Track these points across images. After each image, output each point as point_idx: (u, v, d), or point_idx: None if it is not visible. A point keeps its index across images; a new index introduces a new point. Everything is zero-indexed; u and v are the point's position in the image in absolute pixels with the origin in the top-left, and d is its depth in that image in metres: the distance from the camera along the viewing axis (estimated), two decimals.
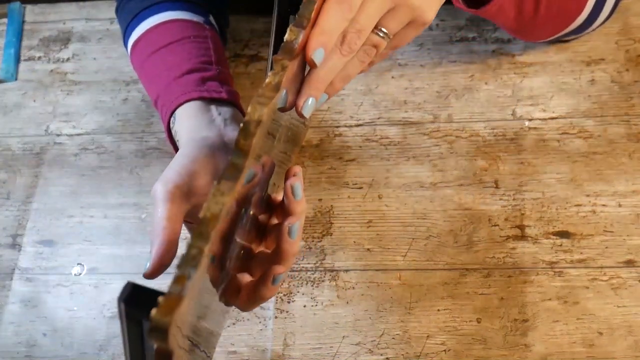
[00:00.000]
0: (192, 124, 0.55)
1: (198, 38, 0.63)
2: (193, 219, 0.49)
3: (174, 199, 0.47)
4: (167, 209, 0.47)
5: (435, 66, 0.74)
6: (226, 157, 0.50)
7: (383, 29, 0.42)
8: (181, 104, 0.57)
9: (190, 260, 0.34)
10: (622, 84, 0.70)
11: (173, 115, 0.57)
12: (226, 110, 0.56)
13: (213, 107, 0.56)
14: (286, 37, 0.37)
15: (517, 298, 0.61)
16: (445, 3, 0.48)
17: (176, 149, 0.56)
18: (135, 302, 0.33)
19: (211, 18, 0.67)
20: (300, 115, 0.41)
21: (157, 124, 0.74)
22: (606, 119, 0.68)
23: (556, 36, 0.68)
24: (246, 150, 0.36)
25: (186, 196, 0.48)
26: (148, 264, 0.46)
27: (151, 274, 0.46)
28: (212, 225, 0.35)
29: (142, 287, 0.33)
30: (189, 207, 0.49)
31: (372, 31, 0.42)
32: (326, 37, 0.39)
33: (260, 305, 0.48)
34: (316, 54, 0.39)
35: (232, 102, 0.57)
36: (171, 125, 0.57)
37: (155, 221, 0.47)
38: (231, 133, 0.53)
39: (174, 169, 0.49)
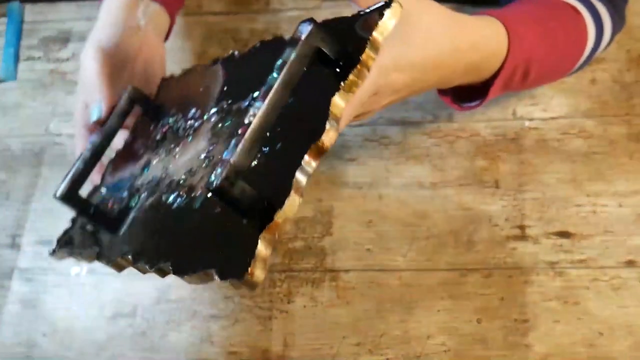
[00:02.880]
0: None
1: None
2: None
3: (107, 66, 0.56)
4: (104, 73, 0.56)
5: None
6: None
7: None
8: None
9: None
10: (623, 84, 0.70)
11: None
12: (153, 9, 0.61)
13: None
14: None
15: (518, 298, 0.61)
16: (444, 2, 0.49)
17: None
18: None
19: None
20: None
21: None
22: (607, 119, 0.68)
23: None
24: None
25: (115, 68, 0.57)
26: (100, 109, 0.54)
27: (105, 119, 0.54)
28: None
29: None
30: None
31: None
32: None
33: (261, 306, 0.47)
34: None
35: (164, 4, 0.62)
36: None
37: (93, 77, 0.56)
38: (150, 32, 0.60)
39: (107, 36, 0.57)
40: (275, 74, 0.35)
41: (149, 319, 0.64)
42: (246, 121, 0.35)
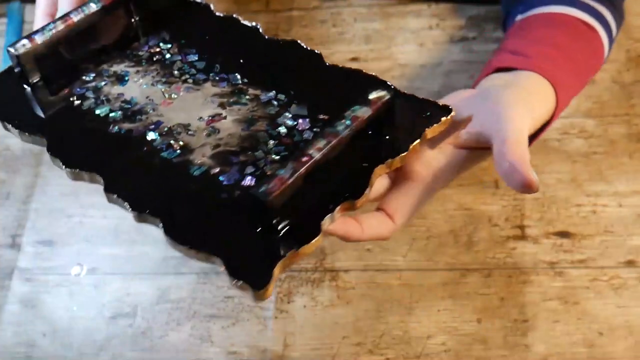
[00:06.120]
0: None
1: None
2: None
3: None
4: None
5: (436, 66, 0.74)
6: None
7: None
8: None
9: None
10: (622, 84, 0.70)
11: None
12: None
13: None
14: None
15: (518, 298, 0.61)
16: (445, 2, 0.49)
17: None
18: None
19: None
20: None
21: None
22: (607, 119, 0.68)
23: None
24: None
25: None
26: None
27: None
28: None
29: None
30: None
31: None
32: None
33: (261, 306, 0.47)
34: None
35: None
36: None
37: None
38: None
39: None
40: (345, 122, 0.39)
41: (149, 319, 0.64)
42: (310, 152, 0.38)
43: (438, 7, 0.77)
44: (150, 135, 0.45)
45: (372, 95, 0.41)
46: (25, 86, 0.49)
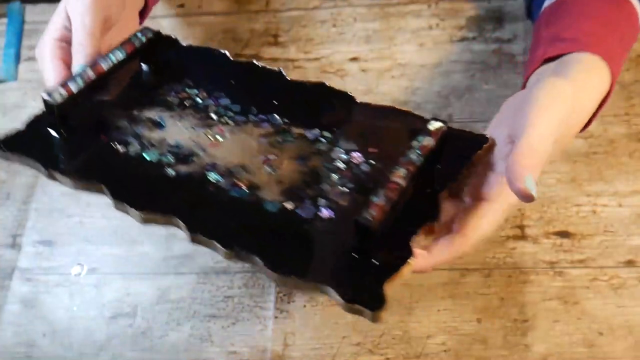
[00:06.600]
0: None
1: None
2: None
3: (96, 14, 0.51)
4: (91, 21, 0.51)
5: (436, 66, 0.74)
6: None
7: None
8: None
9: None
10: (622, 84, 0.70)
11: None
12: None
13: None
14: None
15: (517, 298, 0.61)
16: (444, 0, 0.49)
17: None
18: None
19: None
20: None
21: None
22: (606, 118, 0.68)
23: None
24: None
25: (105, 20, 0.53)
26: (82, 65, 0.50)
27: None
28: None
29: None
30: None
31: None
32: None
33: (261, 306, 0.47)
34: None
35: None
36: None
37: (78, 32, 0.51)
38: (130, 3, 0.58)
39: None
40: (416, 151, 0.42)
41: (149, 319, 0.64)
42: (396, 180, 0.40)
43: (438, 7, 0.77)
44: (212, 176, 0.45)
45: (432, 127, 0.44)
46: (61, 133, 0.49)
